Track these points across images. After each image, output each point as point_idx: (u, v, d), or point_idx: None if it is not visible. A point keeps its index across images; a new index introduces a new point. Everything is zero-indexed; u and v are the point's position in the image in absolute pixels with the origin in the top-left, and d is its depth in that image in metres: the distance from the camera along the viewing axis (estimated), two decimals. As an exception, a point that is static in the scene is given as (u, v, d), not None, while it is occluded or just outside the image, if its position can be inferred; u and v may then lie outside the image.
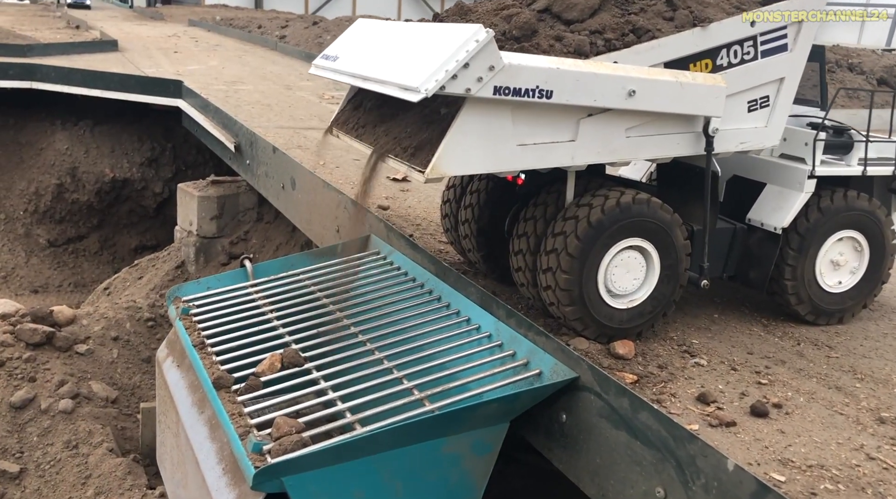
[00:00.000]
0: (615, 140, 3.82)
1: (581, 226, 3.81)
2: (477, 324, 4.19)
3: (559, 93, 3.49)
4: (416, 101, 3.30)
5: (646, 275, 4.03)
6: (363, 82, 3.90)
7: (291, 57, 19.28)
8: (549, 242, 3.92)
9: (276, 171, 7.65)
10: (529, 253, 4.11)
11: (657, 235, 3.97)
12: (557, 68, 3.46)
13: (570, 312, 3.90)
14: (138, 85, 11.55)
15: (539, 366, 3.69)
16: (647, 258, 4.01)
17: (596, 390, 3.39)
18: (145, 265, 9.34)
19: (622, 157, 3.89)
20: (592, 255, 3.84)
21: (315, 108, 11.45)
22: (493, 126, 3.52)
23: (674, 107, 3.84)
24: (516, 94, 3.41)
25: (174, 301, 4.85)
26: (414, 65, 3.46)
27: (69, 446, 5.85)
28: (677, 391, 3.66)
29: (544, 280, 3.96)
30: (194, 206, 8.74)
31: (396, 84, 3.49)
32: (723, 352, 4.16)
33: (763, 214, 4.42)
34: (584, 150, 3.77)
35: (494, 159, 3.59)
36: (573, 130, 3.73)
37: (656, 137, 3.90)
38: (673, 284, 4.09)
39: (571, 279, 3.83)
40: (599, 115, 3.76)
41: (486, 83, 3.32)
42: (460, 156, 3.49)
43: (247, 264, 5.09)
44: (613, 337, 4.05)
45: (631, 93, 3.64)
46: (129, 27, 24.80)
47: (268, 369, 3.91)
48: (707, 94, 3.89)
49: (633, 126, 3.84)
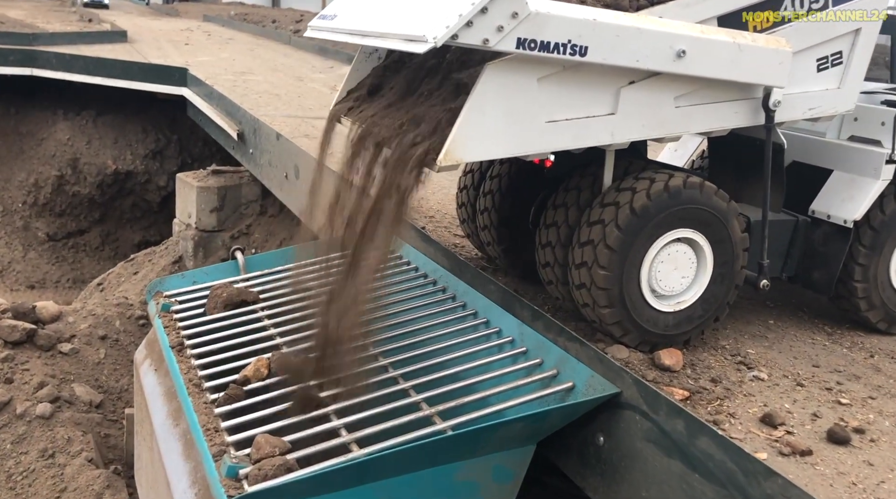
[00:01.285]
0: (662, 111, 3.23)
1: (623, 214, 3.22)
2: (497, 327, 3.61)
3: (595, 50, 2.90)
4: (423, 52, 2.73)
5: (696, 273, 3.43)
6: (362, 39, 3.34)
7: (305, 51, 18.77)
8: (584, 232, 3.34)
9: (280, 159, 7.12)
10: (560, 246, 3.53)
11: (711, 226, 3.37)
12: (594, 19, 2.89)
13: (607, 315, 3.32)
14: (141, 72, 11.08)
15: (571, 378, 3.10)
16: (699, 253, 3.41)
17: (642, 408, 2.80)
18: (141, 260, 8.83)
19: (671, 130, 3.30)
20: (635, 248, 3.26)
21: (326, 99, 10.91)
22: (517, 99, 2.94)
23: (730, 73, 3.25)
24: (544, 50, 2.82)
25: (155, 296, 4.31)
26: (422, 13, 2.90)
27: (45, 454, 5.31)
28: (736, 411, 3.07)
29: (577, 277, 3.38)
30: (193, 197, 8.22)
31: (400, 35, 2.91)
32: (784, 364, 3.56)
33: (830, 205, 3.81)
34: (626, 124, 3.19)
35: (520, 140, 3.01)
36: (613, 101, 3.15)
37: (710, 106, 3.31)
38: (727, 284, 3.49)
39: (610, 276, 3.24)
40: (643, 82, 3.17)
41: (507, 34, 2.74)
42: (479, 138, 2.91)
43: (238, 256, 4.54)
44: (657, 345, 3.46)
45: (680, 53, 3.06)
46: (142, 21, 24.47)
47: (252, 376, 3.35)
48: (769, 59, 3.30)
49: (683, 94, 3.25)
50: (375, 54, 4.17)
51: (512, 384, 3.14)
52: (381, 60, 4.17)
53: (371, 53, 4.16)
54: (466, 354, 3.46)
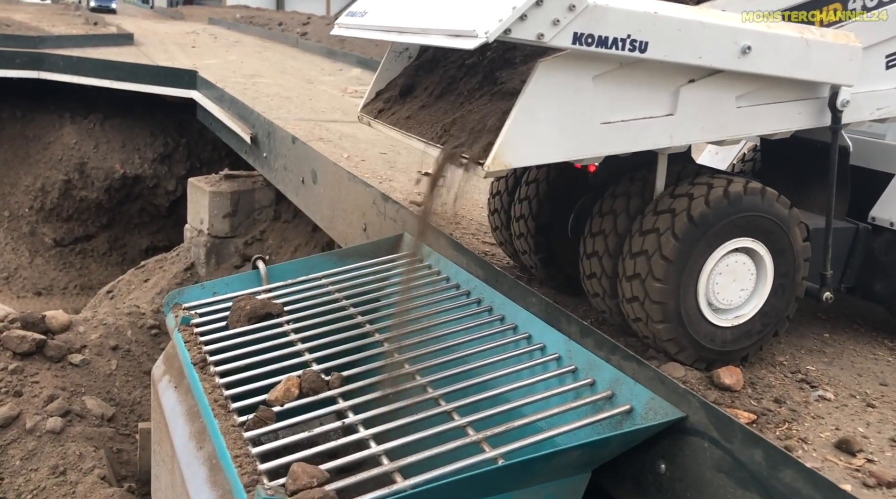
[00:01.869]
0: (724, 112, 3.02)
1: (679, 222, 3.00)
2: (540, 343, 3.38)
3: (656, 46, 2.70)
4: (473, 48, 2.51)
5: (755, 285, 3.21)
6: (399, 36, 3.13)
7: (313, 53, 18.61)
8: (637, 242, 3.12)
9: (296, 163, 6.90)
10: (608, 256, 3.31)
11: (772, 235, 3.15)
12: (655, 13, 2.68)
13: (662, 331, 3.09)
14: (150, 75, 10.87)
15: (628, 400, 2.87)
16: (758, 264, 3.19)
17: (712, 434, 2.58)
18: (152, 267, 8.61)
19: (733, 133, 3.08)
20: (693, 259, 3.03)
21: (337, 102, 10.72)
22: (571, 99, 2.73)
23: (796, 71, 3.03)
24: (601, 45, 2.62)
25: (173, 308, 4.09)
26: (468, 6, 2.68)
27: (56, 471, 5.11)
28: (807, 435, 2.84)
29: (629, 290, 3.15)
30: (206, 202, 8.00)
31: (444, 31, 2.70)
32: (848, 382, 3.33)
33: (893, 211, 3.58)
34: (685, 126, 2.97)
35: (573, 144, 2.80)
36: (671, 102, 2.94)
37: (774, 107, 3.10)
38: (788, 296, 3.27)
39: (667, 289, 3.02)
40: (703, 80, 2.96)
41: (563, 28, 2.53)
42: (529, 141, 2.70)
43: (260, 266, 4.32)
44: (713, 362, 3.23)
45: (745, 50, 2.85)
46: (147, 24, 24.32)
47: (282, 397, 3.13)
48: (838, 56, 3.08)
49: (745, 93, 3.04)
50: (405, 53, 3.95)
51: (563, 407, 2.91)
52: (411, 60, 3.96)
53: (401, 52, 3.94)
54: (508, 372, 3.23)
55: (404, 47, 3.95)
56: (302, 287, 4.20)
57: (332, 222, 6.02)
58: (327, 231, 6.26)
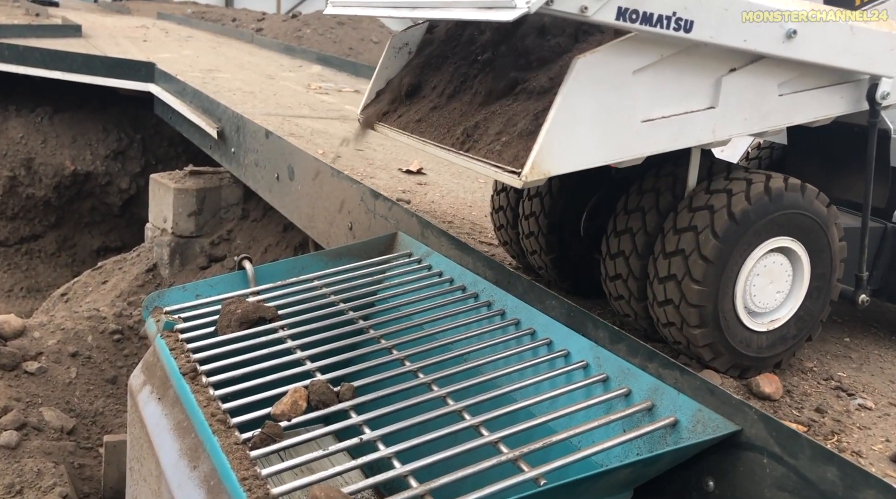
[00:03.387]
0: (766, 101, 2.85)
1: (720, 219, 2.80)
2: (563, 350, 3.15)
3: (701, 25, 2.51)
4: (513, 19, 2.27)
5: (792, 287, 3.04)
6: (411, 11, 2.86)
7: (269, 49, 18.12)
8: (671, 240, 2.92)
9: (270, 159, 6.56)
10: (636, 256, 3.10)
11: (811, 234, 2.98)
12: None
13: (699, 336, 2.90)
14: (105, 67, 10.34)
15: (672, 412, 2.66)
16: (795, 265, 3.02)
17: (773, 450, 2.38)
18: (110, 268, 8.14)
19: (775, 123, 2.91)
20: (733, 259, 2.84)
21: (302, 97, 10.36)
22: (611, 97, 2.53)
23: (840, 59, 2.88)
24: (646, 22, 2.42)
25: (153, 312, 3.73)
26: None
27: (12, 490, 4.71)
28: (860, 448, 2.68)
29: (662, 292, 2.95)
30: (170, 200, 7.58)
31: (476, 3, 2.45)
32: (883, 389, 3.19)
33: None
34: (727, 118, 2.79)
35: (615, 144, 2.60)
36: (713, 93, 2.75)
37: (815, 92, 2.94)
38: (823, 299, 3.11)
39: (706, 292, 2.82)
40: (745, 68, 2.78)
41: (608, 1, 2.32)
42: (570, 144, 2.49)
43: (247, 267, 4.00)
44: (747, 370, 3.06)
45: (791, 34, 2.69)
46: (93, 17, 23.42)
47: (290, 410, 2.83)
48: (882, 45, 2.94)
49: (787, 80, 2.87)
50: (406, 48, 3.70)
51: (599, 421, 2.68)
52: (411, 55, 3.70)
53: (401, 48, 3.69)
54: (533, 382, 2.99)
55: (404, 42, 3.69)
56: (294, 289, 3.90)
57: (312, 221, 5.71)
58: (306, 230, 5.94)
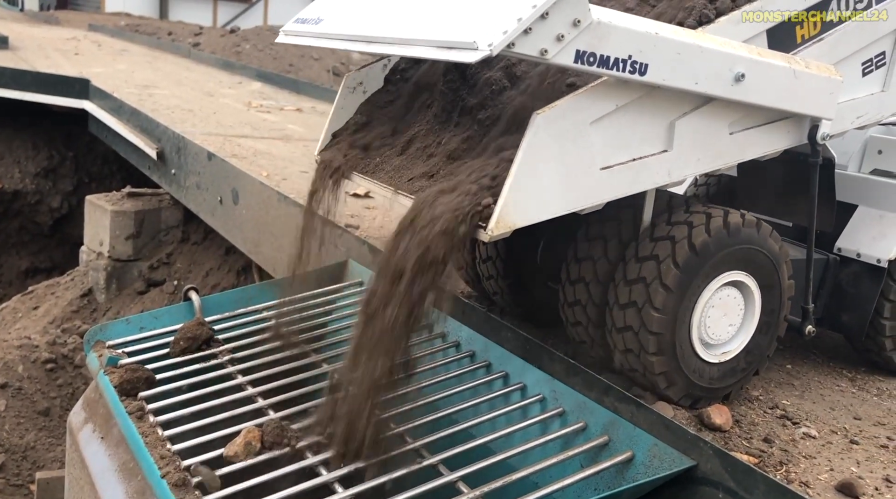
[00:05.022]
0: (719, 141, 2.94)
1: (681, 250, 2.88)
2: (520, 383, 3.17)
3: (656, 68, 2.58)
4: (475, 61, 2.29)
5: (743, 321, 3.13)
6: (367, 45, 2.84)
7: (207, 65, 17.81)
8: (633, 268, 2.98)
9: (212, 182, 6.43)
10: (596, 282, 3.15)
11: (763, 270, 3.09)
12: (657, 34, 2.57)
13: (656, 364, 2.95)
14: (36, 83, 10.00)
15: (628, 446, 2.69)
16: (748, 299, 3.11)
17: (728, 485, 2.43)
18: (42, 293, 7.83)
19: (728, 160, 3.01)
20: (692, 289, 2.93)
21: (243, 116, 10.20)
22: (570, 147, 2.57)
23: (783, 101, 2.99)
24: (603, 65, 2.47)
25: (95, 346, 3.61)
26: (464, 15, 2.48)
27: (-63, 533, 4.47)
28: (807, 478, 2.75)
29: (622, 319, 3.00)
30: (107, 222, 7.34)
31: (434, 42, 2.46)
32: (825, 417, 3.29)
33: (859, 242, 3.61)
34: (682, 160, 2.87)
35: (576, 193, 2.64)
36: (667, 137, 2.83)
37: (763, 128, 3.04)
38: (772, 334, 3.22)
39: (665, 320, 2.89)
40: (696, 111, 2.86)
41: (567, 44, 2.37)
42: (533, 198, 2.52)
43: (193, 297, 3.90)
44: (699, 399, 3.12)
45: (739, 77, 2.78)
46: (20, 28, 22.62)
47: (242, 451, 2.76)
48: (820, 88, 3.06)
49: (736, 120, 2.98)
50: (360, 88, 3.71)
51: (558, 457, 2.69)
52: (366, 94, 3.70)
53: (355, 88, 3.69)
54: (490, 418, 2.99)
55: (358, 81, 3.69)
56: (243, 321, 3.82)
57: (258, 247, 5.61)
58: (251, 256, 5.84)
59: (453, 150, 2.96)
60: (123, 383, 3.20)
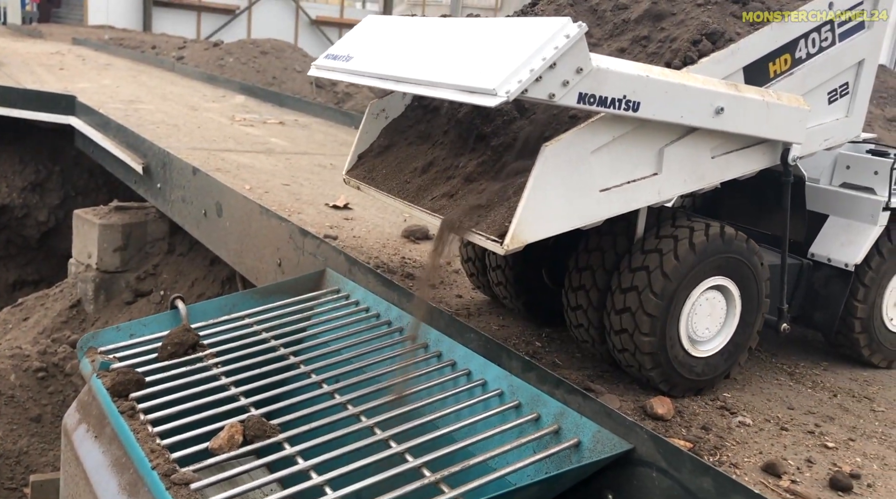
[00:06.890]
0: (702, 164, 3.35)
1: (668, 261, 3.28)
2: (481, 379, 3.47)
3: (646, 105, 2.97)
4: (494, 106, 2.68)
5: (725, 320, 3.54)
6: (397, 85, 3.19)
7: (191, 79, 18.05)
8: (626, 278, 3.37)
9: (197, 196, 6.70)
10: (595, 289, 3.54)
11: (743, 276, 3.50)
12: (647, 76, 2.96)
13: (648, 360, 3.36)
14: (23, 99, 10.23)
15: (575, 434, 2.99)
16: (729, 301, 3.53)
17: (660, 465, 2.73)
18: (32, 304, 8.05)
19: (710, 180, 3.42)
20: (679, 294, 3.33)
21: (228, 130, 10.46)
22: (573, 173, 2.99)
23: (758, 129, 3.39)
24: (601, 104, 2.86)
25: (88, 353, 3.87)
26: (484, 63, 2.84)
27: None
28: (737, 460, 3.06)
29: (618, 322, 3.41)
30: (95, 235, 7.59)
31: (457, 86, 2.84)
32: (761, 407, 3.60)
33: (830, 248, 4.00)
34: (670, 181, 3.27)
35: (578, 212, 3.06)
36: (657, 162, 3.23)
37: (742, 152, 3.46)
38: (750, 331, 3.61)
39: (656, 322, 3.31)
40: (682, 139, 3.26)
41: (571, 89, 2.76)
42: (542, 216, 2.93)
43: (180, 306, 4.17)
44: (687, 390, 3.57)
45: (719, 110, 3.17)
46: (3, 42, 22.76)
47: (226, 444, 3.04)
48: (790, 117, 3.45)
49: (717, 145, 3.38)
50: (383, 114, 4.11)
51: (512, 444, 2.99)
52: (388, 120, 4.07)
53: (378, 114, 4.09)
54: (453, 411, 3.28)
55: (381, 108, 4.06)
56: (226, 327, 4.09)
57: (241, 257, 5.88)
58: (234, 266, 6.10)
59: (470, 173, 3.32)
60: (115, 385, 3.46)
